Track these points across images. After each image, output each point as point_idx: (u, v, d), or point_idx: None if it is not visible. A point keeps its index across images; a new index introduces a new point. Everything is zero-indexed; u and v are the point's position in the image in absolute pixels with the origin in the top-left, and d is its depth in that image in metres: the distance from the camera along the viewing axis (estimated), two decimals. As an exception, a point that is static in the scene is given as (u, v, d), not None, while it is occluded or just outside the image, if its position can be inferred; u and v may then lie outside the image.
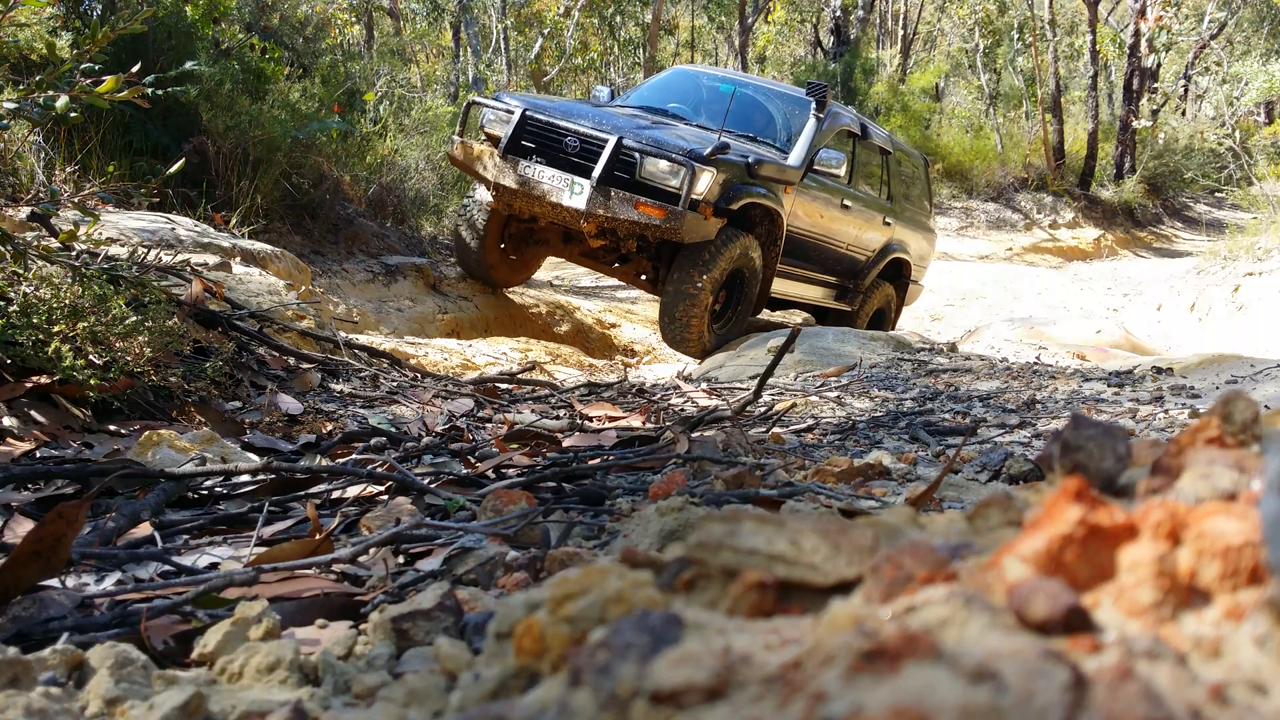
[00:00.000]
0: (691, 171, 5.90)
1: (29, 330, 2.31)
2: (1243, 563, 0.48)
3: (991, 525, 0.65)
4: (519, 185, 6.23)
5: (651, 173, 6.05)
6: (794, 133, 7.34)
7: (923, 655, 0.44)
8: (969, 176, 19.08)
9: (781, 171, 6.70)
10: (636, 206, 5.93)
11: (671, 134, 6.41)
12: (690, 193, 5.90)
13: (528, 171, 6.23)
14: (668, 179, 6.00)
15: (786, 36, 26.05)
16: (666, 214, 5.87)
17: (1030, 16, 20.32)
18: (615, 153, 6.06)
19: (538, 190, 6.17)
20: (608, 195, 5.99)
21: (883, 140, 8.38)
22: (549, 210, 6.25)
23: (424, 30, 19.70)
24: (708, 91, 7.96)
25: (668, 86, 8.19)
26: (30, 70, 5.46)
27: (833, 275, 7.96)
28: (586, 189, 6.01)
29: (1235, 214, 18.16)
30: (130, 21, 2.54)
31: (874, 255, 8.28)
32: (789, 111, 7.62)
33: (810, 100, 7.40)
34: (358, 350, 3.98)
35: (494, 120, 6.65)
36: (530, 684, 0.62)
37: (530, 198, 6.24)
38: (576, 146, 6.22)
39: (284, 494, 1.84)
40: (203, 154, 6.53)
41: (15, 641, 1.05)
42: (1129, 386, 3.79)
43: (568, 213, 6.14)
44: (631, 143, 6.09)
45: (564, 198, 6.07)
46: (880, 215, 8.21)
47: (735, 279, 6.67)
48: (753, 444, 2.37)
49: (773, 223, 6.81)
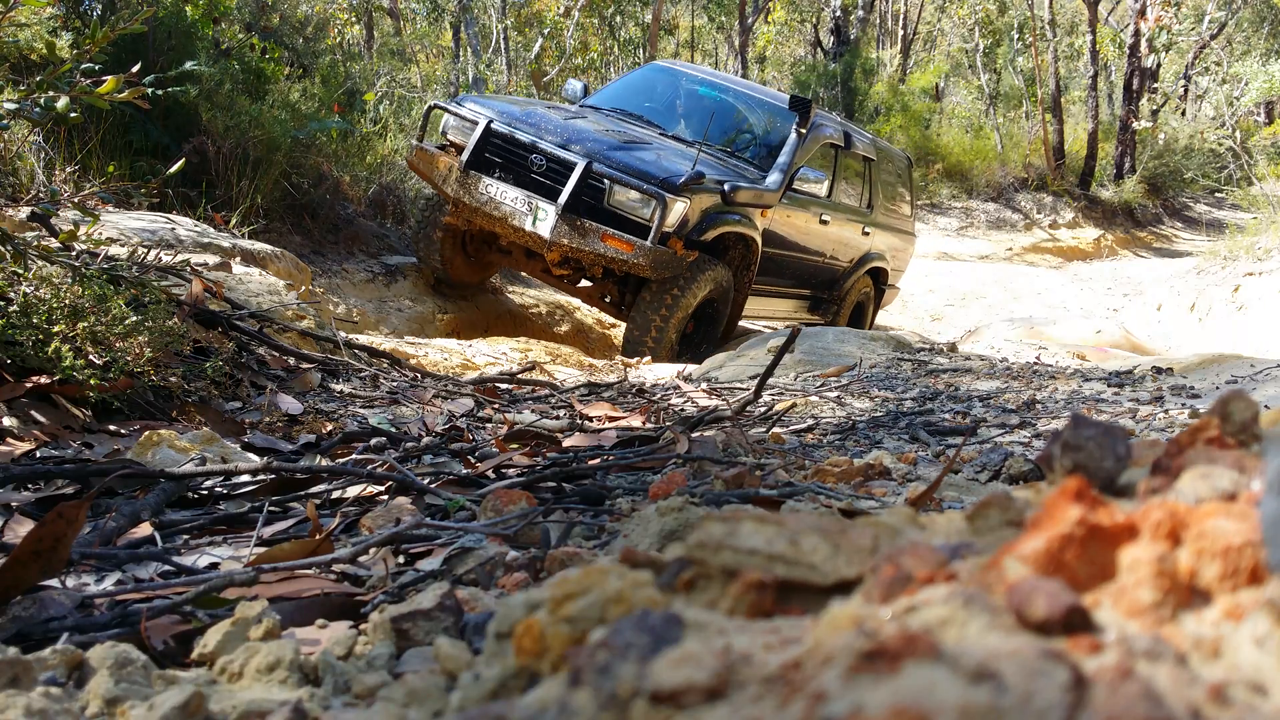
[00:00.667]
0: (662, 203, 5.57)
1: (29, 330, 2.31)
2: (1243, 563, 0.48)
3: (991, 525, 0.65)
4: (479, 205, 5.89)
5: (621, 201, 5.72)
6: (774, 145, 7.00)
7: (923, 655, 0.44)
8: (969, 176, 19.08)
9: (759, 196, 6.41)
10: (603, 239, 5.61)
11: (645, 155, 6.03)
12: (661, 226, 5.59)
13: (490, 190, 5.87)
14: (638, 209, 5.67)
15: (786, 36, 26.06)
16: (635, 249, 5.56)
17: (1030, 16, 20.32)
18: (584, 177, 5.71)
19: (499, 212, 5.83)
20: (574, 224, 5.65)
21: (866, 147, 8.07)
22: (510, 233, 5.91)
23: (424, 30, 19.69)
24: (685, 94, 7.53)
25: (643, 85, 7.73)
26: (30, 70, 5.46)
27: (807, 289, 7.70)
28: (551, 216, 5.67)
29: (1235, 214, 18.16)
30: (130, 21, 2.54)
31: (851, 265, 8.01)
32: (770, 121, 7.24)
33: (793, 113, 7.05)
34: (358, 350, 3.98)
35: (456, 128, 6.28)
36: (530, 684, 0.62)
37: (491, 219, 5.90)
38: (543, 165, 5.87)
39: (284, 494, 1.84)
40: (203, 154, 6.53)
41: (15, 641, 1.05)
42: (1129, 386, 3.79)
43: (531, 239, 5.80)
44: (601, 168, 5.73)
45: (527, 223, 5.74)
46: (860, 225, 7.93)
47: (706, 307, 6.39)
48: (753, 444, 2.37)
49: (747, 248, 6.53)
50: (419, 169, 6.32)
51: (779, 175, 6.68)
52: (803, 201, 6.94)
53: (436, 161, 6.11)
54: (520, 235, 5.84)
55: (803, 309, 7.78)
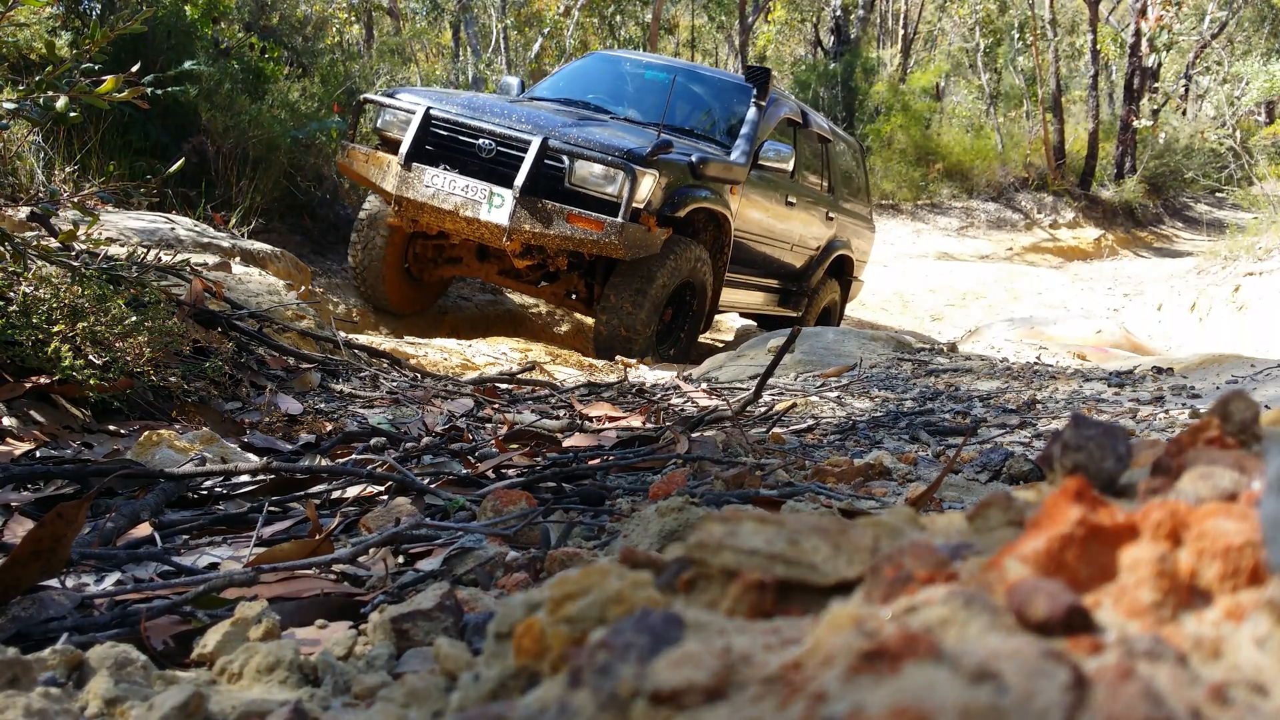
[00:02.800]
0: (631, 176, 5.09)
1: (29, 330, 2.31)
2: (1243, 563, 0.48)
3: (992, 525, 0.65)
4: (426, 199, 5.30)
5: (583, 178, 5.22)
6: (732, 124, 6.57)
7: (923, 655, 0.44)
8: (969, 176, 19.08)
9: (728, 170, 5.97)
10: (569, 219, 5.10)
11: (604, 132, 5.56)
12: (631, 201, 5.10)
13: (436, 182, 5.28)
14: (603, 185, 5.19)
15: (787, 36, 26.06)
16: (605, 227, 5.06)
17: (1031, 16, 20.32)
18: (540, 156, 5.17)
19: (449, 204, 5.25)
20: (534, 207, 5.13)
21: (822, 127, 7.64)
22: (464, 227, 5.34)
23: (423, 29, 19.69)
24: (631, 80, 7.01)
25: (586, 75, 7.18)
26: (30, 70, 5.46)
27: (776, 279, 7.25)
28: (508, 201, 5.13)
29: (1236, 214, 18.16)
30: (130, 21, 2.54)
31: (818, 254, 7.60)
32: (725, 100, 6.80)
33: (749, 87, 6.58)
34: (357, 350, 3.98)
35: (392, 122, 5.69)
36: (530, 684, 0.62)
37: (440, 213, 5.31)
38: (492, 150, 5.34)
39: (284, 494, 1.84)
40: (202, 154, 6.53)
41: (15, 641, 1.05)
42: (1129, 387, 3.79)
43: (487, 229, 5.24)
44: (558, 144, 5.22)
45: (482, 212, 5.18)
46: (824, 210, 7.52)
47: (682, 293, 5.90)
48: (753, 444, 2.37)
49: (719, 228, 6.09)
50: (353, 171, 5.72)
51: (744, 149, 6.24)
52: (769, 181, 6.54)
53: (372, 159, 5.56)
54: (474, 228, 5.30)
55: (772, 302, 7.34)
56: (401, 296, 6.42)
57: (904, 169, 18.44)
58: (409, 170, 5.35)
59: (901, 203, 18.18)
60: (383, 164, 5.47)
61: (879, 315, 11.45)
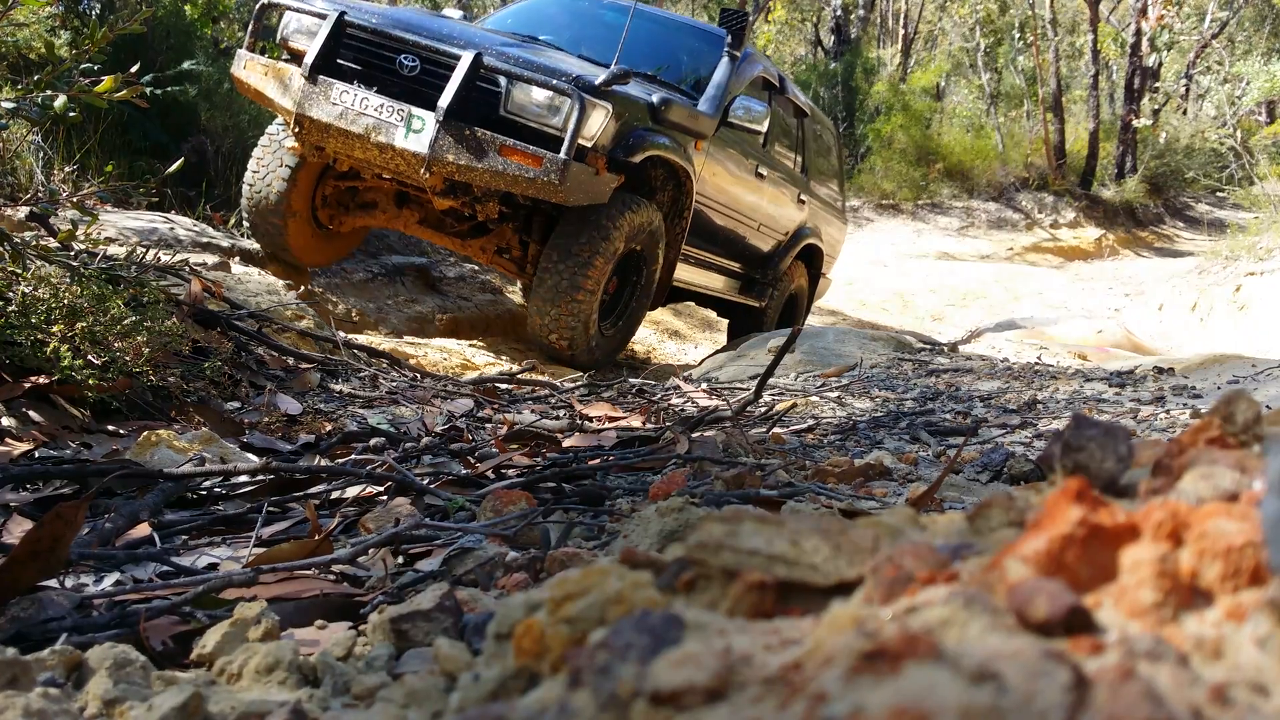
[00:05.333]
0: (580, 105, 4.26)
1: (27, 330, 2.31)
2: (1244, 563, 0.48)
3: (993, 526, 0.65)
4: (332, 119, 4.44)
5: (522, 104, 4.39)
6: (701, 77, 5.75)
7: (923, 656, 0.44)
8: (970, 176, 19.09)
9: (694, 119, 5.12)
10: (502, 152, 4.26)
11: (549, 58, 4.77)
12: (578, 135, 4.28)
13: (345, 99, 4.43)
14: (545, 116, 4.36)
15: (787, 36, 26.05)
16: (544, 163, 4.24)
17: (1031, 15, 20.33)
18: (471, 75, 4.34)
19: (359, 126, 4.38)
20: (461, 135, 4.28)
21: (799, 99, 6.84)
22: (375, 155, 4.47)
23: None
24: (590, 20, 6.17)
25: (540, 12, 6.30)
26: (29, 70, 5.46)
27: (739, 262, 6.46)
28: (430, 125, 4.29)
29: (1237, 213, 18.15)
30: (129, 21, 2.54)
31: (786, 240, 6.84)
32: (696, 49, 6.00)
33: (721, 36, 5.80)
34: (357, 350, 3.98)
35: (299, 31, 4.81)
36: (530, 685, 0.61)
37: (349, 137, 4.43)
38: (415, 67, 4.48)
39: (283, 494, 1.84)
40: (202, 153, 6.53)
41: (14, 642, 1.04)
42: (1130, 387, 3.79)
43: (403, 158, 4.38)
44: (495, 62, 4.38)
45: (397, 137, 4.34)
46: (795, 191, 6.75)
47: (630, 262, 5.09)
48: (753, 444, 2.37)
49: (679, 187, 5.25)
50: (249, 87, 4.81)
51: (714, 100, 5.42)
52: (739, 144, 5.78)
53: (272, 71, 4.67)
54: (388, 157, 4.44)
55: (733, 288, 6.58)
56: (304, 245, 5.45)
57: (904, 169, 18.45)
58: (314, 84, 4.48)
59: (902, 203, 18.18)
60: (284, 76, 4.61)
61: (879, 315, 11.45)
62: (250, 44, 4.92)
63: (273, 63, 4.74)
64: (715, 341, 8.67)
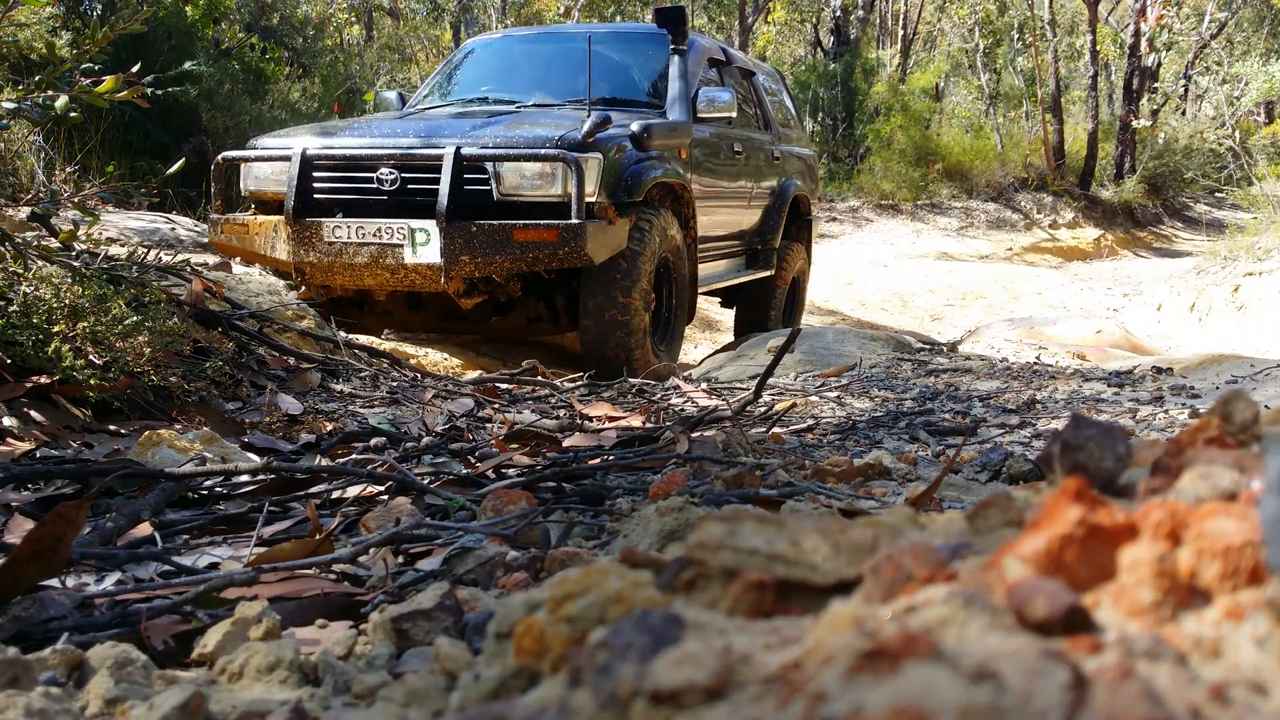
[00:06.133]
0: (576, 167, 4.22)
1: (29, 330, 2.31)
2: (1243, 563, 0.48)
3: (991, 525, 0.65)
4: (333, 257, 4.36)
5: (515, 185, 4.34)
6: (655, 81, 5.74)
7: (923, 655, 0.44)
8: (969, 176, 19.08)
9: (674, 133, 5.16)
10: (515, 236, 4.23)
11: (521, 125, 4.70)
12: (582, 195, 4.24)
13: (339, 234, 4.34)
14: (543, 187, 4.33)
15: (786, 36, 26.05)
16: (560, 233, 4.21)
17: (1030, 16, 20.32)
18: (457, 170, 4.28)
19: (363, 256, 4.33)
20: (469, 234, 4.23)
21: (742, 61, 6.93)
22: (387, 278, 4.41)
23: (419, 23, 19.66)
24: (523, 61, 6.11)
25: (473, 68, 6.20)
26: (30, 70, 5.47)
27: (739, 240, 6.57)
28: (435, 233, 4.23)
29: (1235, 214, 18.16)
30: (130, 21, 2.54)
31: (775, 202, 6.87)
32: (639, 54, 5.96)
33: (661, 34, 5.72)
34: (358, 350, 3.99)
35: (263, 177, 4.65)
36: (530, 684, 0.62)
37: (354, 269, 4.37)
38: (396, 179, 4.38)
39: (284, 494, 1.84)
40: (203, 154, 6.53)
41: (15, 641, 1.05)
42: (1129, 386, 3.79)
43: (418, 274, 4.33)
44: (474, 150, 4.31)
45: (406, 255, 4.28)
46: (769, 151, 6.81)
47: (661, 273, 5.14)
48: (753, 444, 2.37)
49: (677, 199, 5.32)
50: (233, 248, 4.69)
51: (682, 105, 5.42)
52: (714, 134, 5.82)
53: (253, 227, 4.55)
54: (401, 277, 4.38)
55: (739, 266, 6.65)
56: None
57: (904, 169, 18.45)
58: (301, 228, 4.37)
59: (901, 203, 18.18)
60: (268, 229, 4.48)
61: (878, 315, 11.45)
62: (219, 207, 4.78)
63: (251, 218, 4.62)
64: (715, 341, 8.67)
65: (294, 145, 4.51)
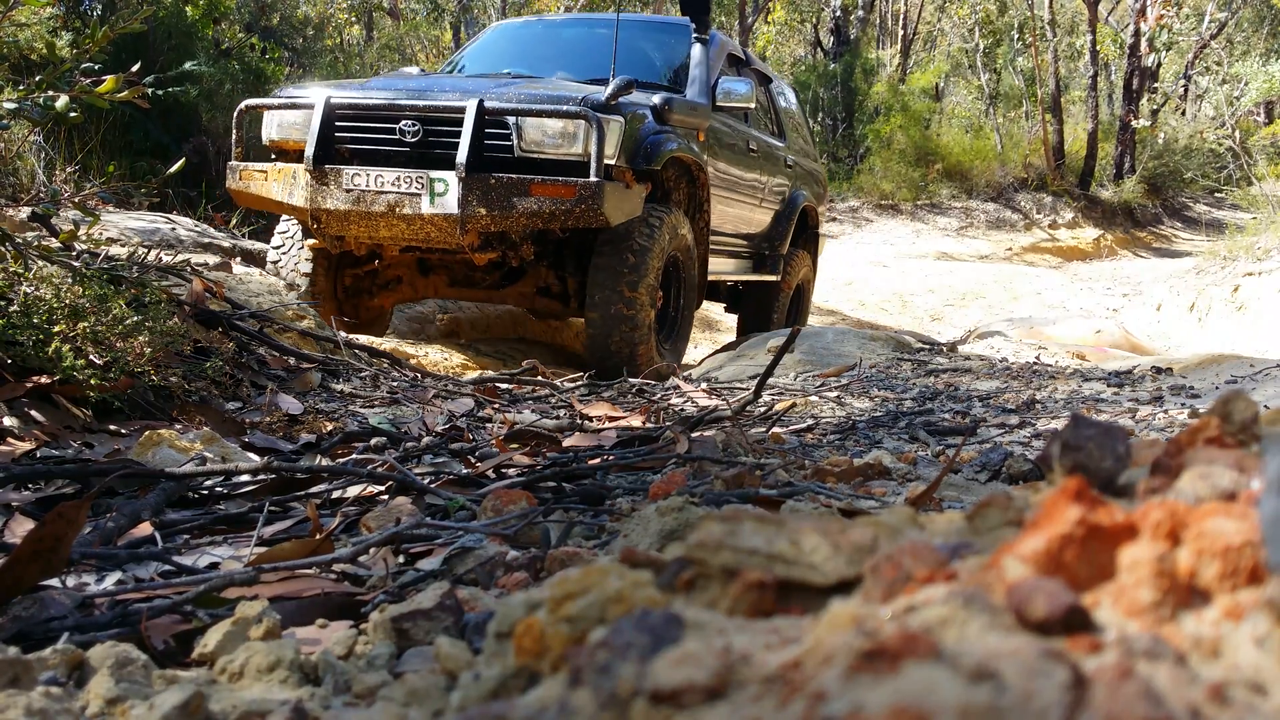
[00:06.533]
0: (597, 125, 4.24)
1: (29, 330, 2.31)
2: (1242, 562, 0.48)
3: (991, 525, 0.65)
4: (351, 205, 4.37)
5: (537, 140, 4.34)
6: (676, 69, 5.82)
7: (922, 655, 0.44)
8: (969, 176, 19.09)
9: (694, 112, 5.17)
10: (532, 191, 4.23)
11: (545, 87, 4.75)
12: (602, 155, 4.25)
13: (358, 182, 4.35)
14: (563, 145, 4.33)
15: (786, 36, 26.04)
16: (578, 191, 4.20)
17: (1030, 16, 20.33)
18: (479, 123, 4.29)
19: (380, 205, 4.33)
20: (486, 186, 4.23)
21: (761, 67, 6.99)
22: (402, 230, 4.40)
23: (419, 23, 19.65)
24: (548, 43, 6.20)
25: (496, 48, 6.26)
26: (30, 70, 5.47)
27: (748, 241, 6.52)
28: (453, 184, 4.24)
29: (1235, 214, 18.16)
30: (130, 21, 2.54)
31: (784, 208, 6.89)
32: (662, 43, 6.06)
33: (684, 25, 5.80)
34: (358, 350, 3.99)
35: (286, 125, 4.70)
36: (530, 684, 0.62)
37: (370, 219, 4.37)
38: (418, 131, 4.41)
39: (284, 494, 1.84)
40: (203, 154, 6.53)
41: (15, 641, 1.05)
42: (1128, 386, 3.79)
43: (433, 225, 4.32)
44: (498, 104, 4.33)
45: (423, 205, 4.28)
46: (781, 157, 6.83)
47: (670, 272, 5.12)
48: (753, 444, 2.37)
49: (692, 183, 5.30)
50: (251, 195, 4.72)
51: (702, 89, 5.46)
52: (730, 125, 5.83)
53: (273, 174, 4.58)
54: (418, 228, 4.37)
55: (748, 268, 6.63)
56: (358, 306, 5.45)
57: (904, 169, 18.45)
58: (321, 176, 4.40)
59: (901, 203, 18.18)
60: (286, 176, 4.52)
61: (878, 315, 11.45)
62: (238, 154, 4.84)
63: (270, 165, 4.64)
64: (715, 341, 8.67)
65: (317, 95, 4.56)
